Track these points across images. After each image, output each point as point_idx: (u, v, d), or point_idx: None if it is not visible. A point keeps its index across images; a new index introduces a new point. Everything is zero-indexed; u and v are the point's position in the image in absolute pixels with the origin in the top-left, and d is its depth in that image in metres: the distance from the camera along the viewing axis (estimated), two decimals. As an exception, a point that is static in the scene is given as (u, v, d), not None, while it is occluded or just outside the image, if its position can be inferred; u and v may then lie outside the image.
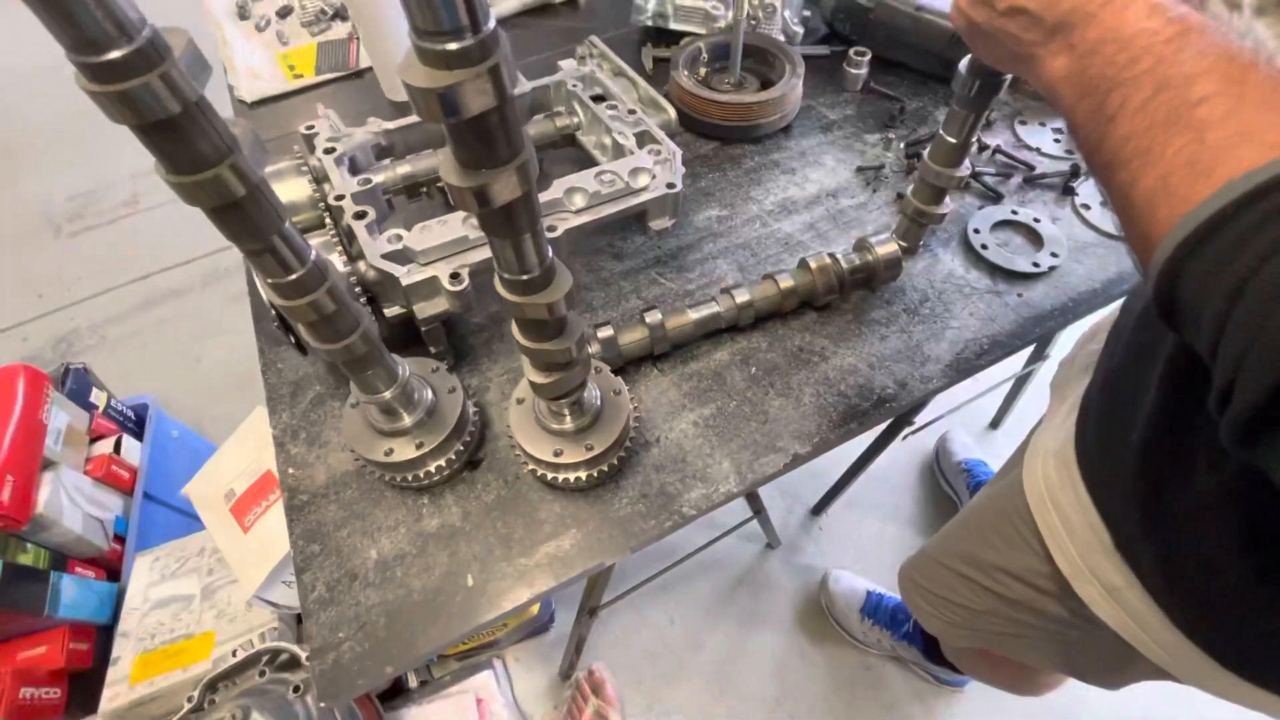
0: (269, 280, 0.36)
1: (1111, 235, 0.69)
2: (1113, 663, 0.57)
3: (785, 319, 0.63)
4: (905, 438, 0.90)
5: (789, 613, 1.30)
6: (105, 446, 1.18)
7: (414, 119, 0.67)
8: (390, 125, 0.66)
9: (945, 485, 1.40)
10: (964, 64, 0.50)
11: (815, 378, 0.59)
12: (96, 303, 1.80)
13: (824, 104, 0.84)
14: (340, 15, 0.98)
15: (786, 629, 1.28)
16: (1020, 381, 1.36)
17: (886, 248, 0.61)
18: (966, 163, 0.58)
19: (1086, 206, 0.71)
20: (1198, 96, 0.31)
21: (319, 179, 0.60)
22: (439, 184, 0.66)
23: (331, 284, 0.38)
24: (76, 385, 1.21)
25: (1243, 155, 0.27)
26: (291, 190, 0.58)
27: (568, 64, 0.74)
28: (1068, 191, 0.72)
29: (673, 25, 0.89)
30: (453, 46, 0.24)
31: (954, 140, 0.56)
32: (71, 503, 1.07)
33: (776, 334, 0.62)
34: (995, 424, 1.52)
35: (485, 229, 0.33)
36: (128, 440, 1.22)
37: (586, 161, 0.72)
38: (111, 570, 1.12)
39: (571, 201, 0.59)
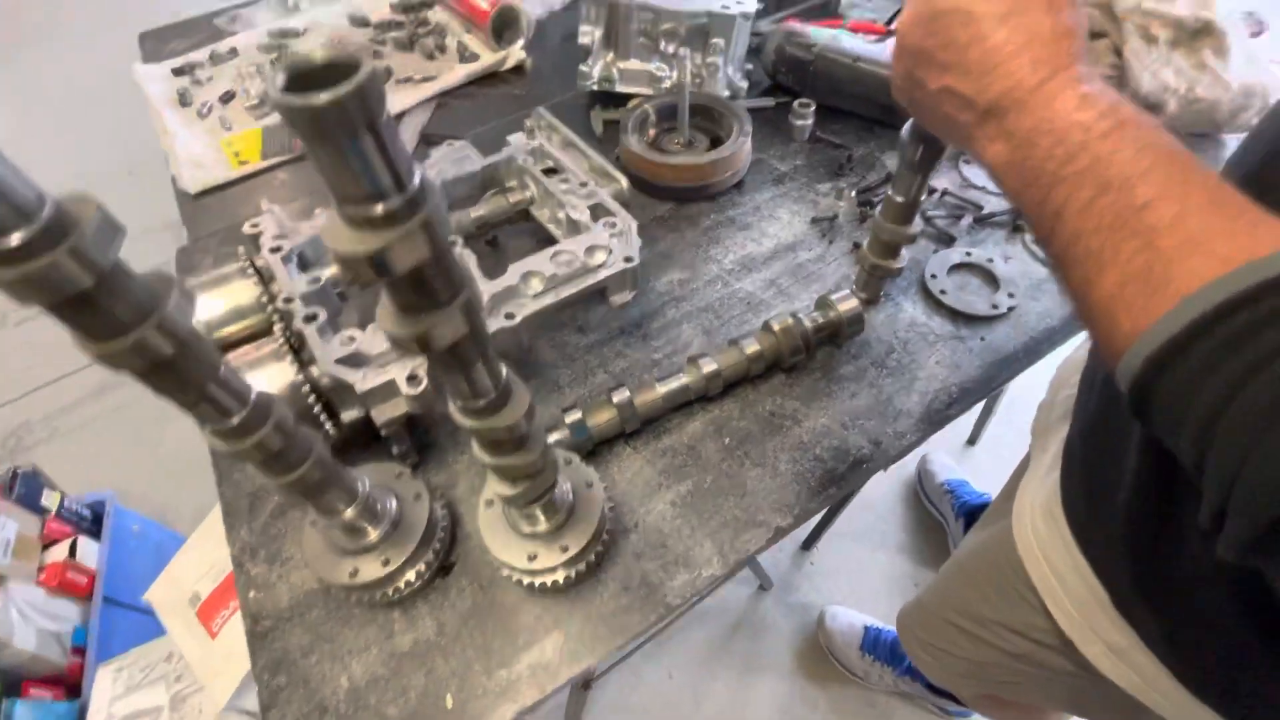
0: (209, 428, 0.34)
1: (1063, 270, 0.70)
2: (1125, 711, 0.57)
3: (755, 383, 0.62)
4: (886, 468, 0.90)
5: (788, 655, 1.27)
6: (60, 552, 1.12)
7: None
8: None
9: (931, 508, 1.41)
10: (906, 129, 0.51)
11: (790, 443, 0.58)
12: (47, 393, 1.73)
13: (774, 156, 0.85)
14: (284, 96, 0.97)
15: (787, 672, 1.26)
16: (992, 399, 1.38)
17: (847, 304, 0.62)
18: (918, 219, 0.59)
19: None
20: (1142, 200, 0.31)
21: (266, 279, 0.58)
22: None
23: (278, 418, 0.36)
24: (26, 489, 1.15)
25: (1196, 267, 0.27)
26: (237, 295, 0.56)
27: (517, 138, 0.74)
28: (1017, 229, 0.74)
29: (619, 88, 0.90)
30: (379, 210, 0.23)
31: (903, 199, 0.56)
32: (23, 619, 1.01)
33: (747, 399, 0.61)
34: (973, 441, 1.54)
35: (433, 367, 0.32)
36: (84, 542, 1.16)
37: (542, 234, 0.71)
38: (72, 686, 1.05)
39: (529, 286, 0.58)
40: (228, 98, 0.97)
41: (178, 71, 1.01)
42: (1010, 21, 0.37)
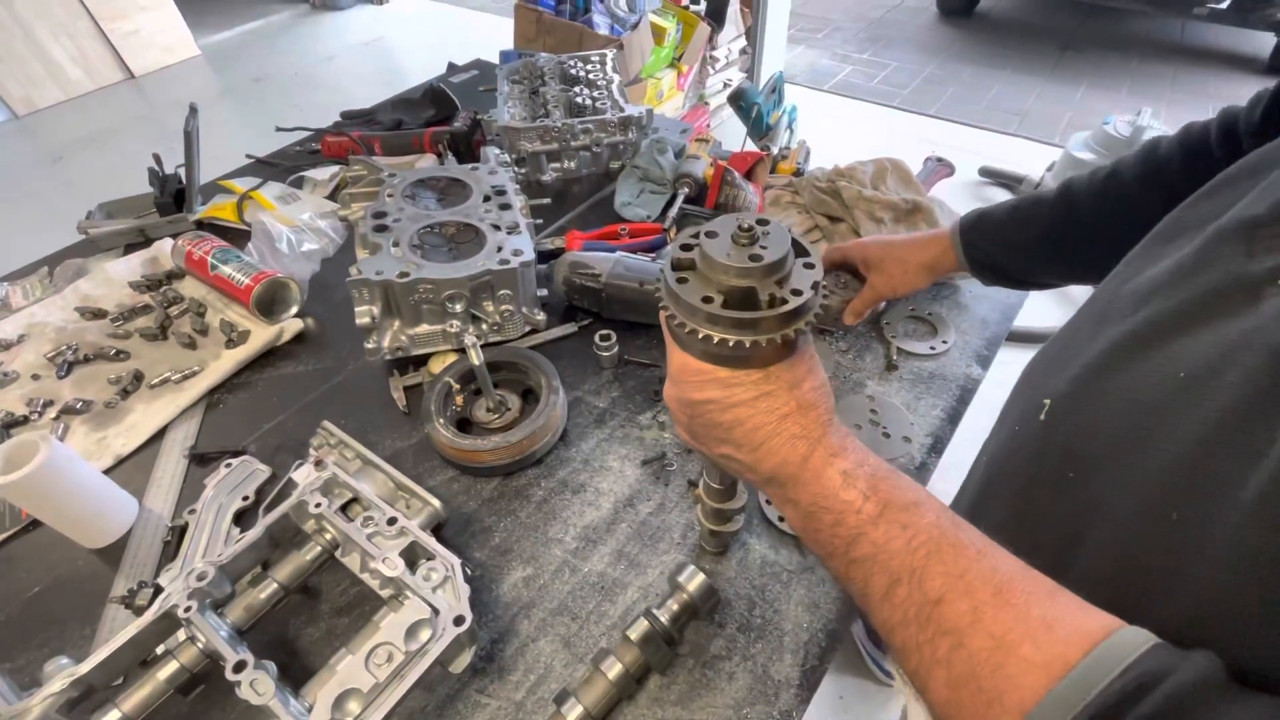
0: None
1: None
2: None
3: (632, 699, 0.58)
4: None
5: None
6: None
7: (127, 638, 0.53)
8: (84, 668, 0.51)
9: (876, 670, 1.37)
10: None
11: (683, 769, 0.54)
12: None
13: (589, 391, 0.84)
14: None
15: None
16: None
17: (695, 581, 0.60)
18: (743, 494, 0.60)
19: None
20: (935, 595, 0.32)
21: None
22: None
23: None
24: None
25: (1016, 676, 0.28)
26: None
27: (303, 472, 0.66)
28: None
29: (415, 352, 0.85)
30: None
31: (719, 486, 0.57)
32: None
33: (627, 723, 0.56)
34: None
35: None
36: None
37: (360, 585, 0.63)
38: None
39: (345, 712, 0.49)
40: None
41: None
42: (760, 404, 0.39)
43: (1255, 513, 0.27)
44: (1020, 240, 0.72)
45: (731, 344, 0.36)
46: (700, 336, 0.37)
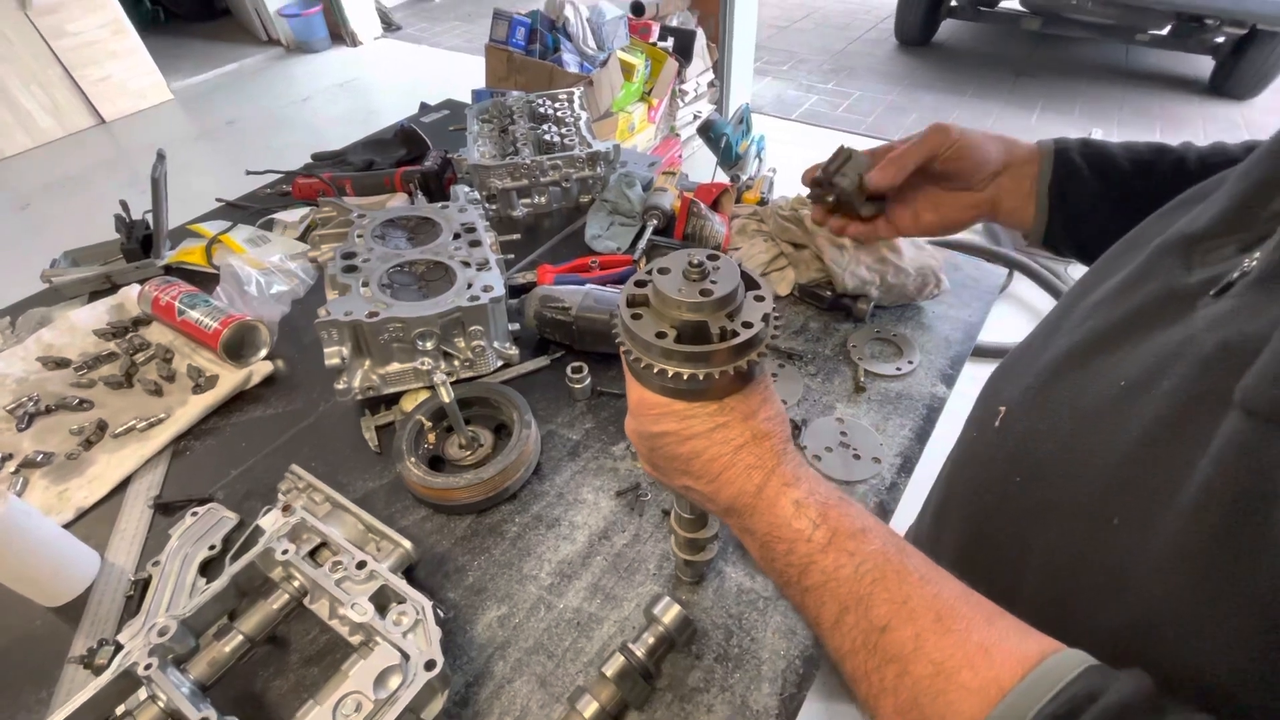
0: None
1: (847, 481, 0.76)
2: None
3: (610, 738, 0.57)
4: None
5: None
6: None
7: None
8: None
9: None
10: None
11: (662, 808, 0.53)
12: None
13: (562, 424, 0.84)
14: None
15: None
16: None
17: (670, 613, 0.59)
18: (715, 522, 0.60)
19: (818, 458, 0.78)
20: (881, 623, 0.32)
21: None
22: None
23: None
24: None
25: (956, 703, 0.29)
26: None
27: (270, 518, 0.65)
28: (799, 449, 0.80)
29: (386, 391, 0.85)
30: None
31: (690, 515, 0.57)
32: None
33: (605, 764, 0.55)
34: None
35: None
36: None
37: (330, 632, 0.61)
38: None
39: (312, 767, 0.47)
40: None
41: None
42: (716, 436, 0.39)
43: (1191, 518, 0.28)
44: (1133, 188, 0.56)
45: (685, 377, 0.37)
46: (655, 371, 0.37)
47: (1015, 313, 2.47)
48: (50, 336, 0.98)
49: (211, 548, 0.70)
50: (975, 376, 0.79)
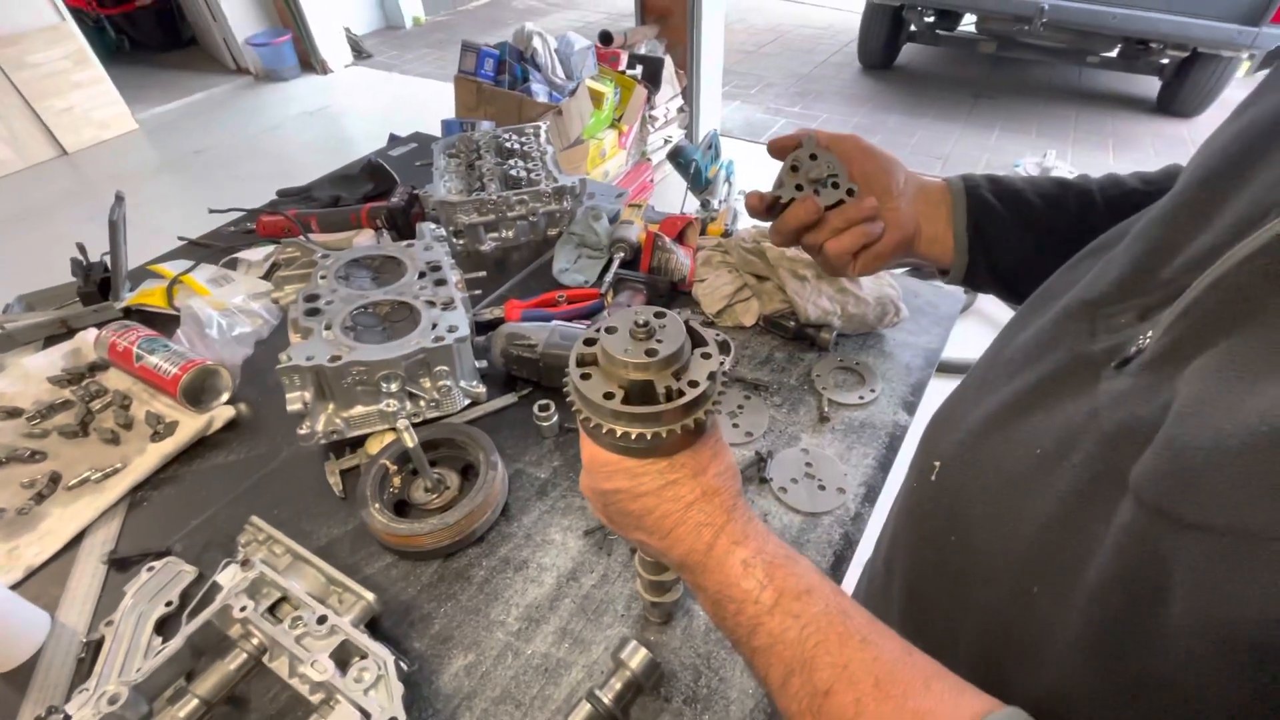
0: None
1: (813, 513, 0.77)
2: None
3: (577, 790, 0.56)
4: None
5: None
6: None
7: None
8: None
9: None
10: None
11: None
12: None
13: (530, 462, 0.84)
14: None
15: None
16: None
17: (637, 657, 0.60)
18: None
19: (784, 489, 0.79)
20: (824, 687, 0.33)
21: None
22: None
23: None
24: None
25: None
26: None
27: (229, 573, 0.63)
28: (764, 481, 0.81)
29: (351, 434, 0.84)
30: None
31: (651, 559, 0.57)
32: None
33: (573, 816, 0.55)
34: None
35: None
36: None
37: (291, 690, 0.60)
38: None
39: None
40: None
41: None
42: (666, 493, 0.40)
43: (1096, 598, 0.28)
44: (1046, 224, 0.57)
45: (634, 436, 0.38)
46: (605, 431, 0.38)
47: (977, 326, 2.53)
48: (2, 384, 0.96)
49: (168, 604, 0.68)
50: (940, 390, 0.81)
